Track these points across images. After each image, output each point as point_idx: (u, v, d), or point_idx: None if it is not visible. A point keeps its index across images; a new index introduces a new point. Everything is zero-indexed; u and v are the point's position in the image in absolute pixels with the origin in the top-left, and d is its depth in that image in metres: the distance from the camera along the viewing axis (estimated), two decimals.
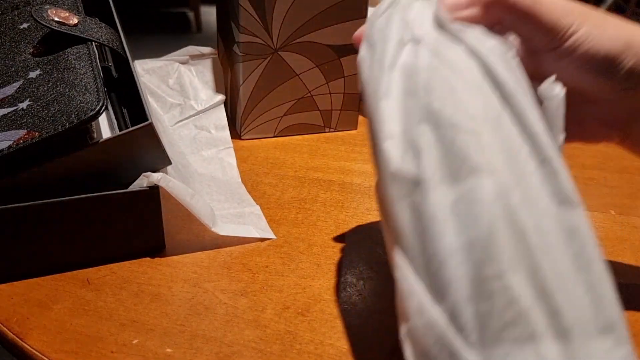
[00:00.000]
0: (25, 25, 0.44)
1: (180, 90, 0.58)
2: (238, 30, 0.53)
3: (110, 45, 0.43)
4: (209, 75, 0.60)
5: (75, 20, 0.42)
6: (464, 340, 0.21)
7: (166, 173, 0.39)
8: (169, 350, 0.32)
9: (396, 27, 0.27)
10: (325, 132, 0.59)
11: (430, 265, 0.22)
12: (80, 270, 0.37)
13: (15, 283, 0.36)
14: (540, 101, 0.26)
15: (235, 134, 0.57)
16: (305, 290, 0.37)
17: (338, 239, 0.42)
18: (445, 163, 0.23)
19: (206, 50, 0.66)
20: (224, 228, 0.40)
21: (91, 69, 0.38)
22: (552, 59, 0.29)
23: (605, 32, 0.28)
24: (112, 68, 0.48)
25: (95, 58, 0.40)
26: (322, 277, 0.38)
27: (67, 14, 0.42)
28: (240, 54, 0.53)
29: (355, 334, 0.33)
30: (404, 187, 0.23)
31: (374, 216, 0.45)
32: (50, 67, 0.39)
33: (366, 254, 0.40)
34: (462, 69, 0.25)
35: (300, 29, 0.53)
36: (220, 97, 0.57)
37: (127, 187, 0.37)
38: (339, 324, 0.34)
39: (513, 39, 0.29)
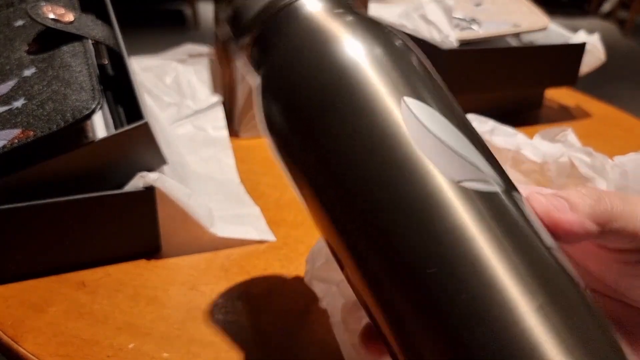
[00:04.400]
0: (20, 22, 0.43)
1: (177, 89, 0.57)
2: None
3: (106, 42, 0.42)
4: (207, 75, 0.59)
5: (71, 17, 0.41)
6: None
7: (163, 173, 0.38)
8: (165, 354, 0.31)
9: None
10: None
11: None
12: (76, 272, 0.36)
13: (10, 285, 0.35)
14: None
15: (234, 132, 0.57)
16: (305, 293, 0.36)
17: None
18: None
19: (204, 49, 0.65)
20: (222, 229, 0.40)
21: (87, 67, 0.38)
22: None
23: None
24: (109, 66, 0.47)
25: (91, 56, 0.39)
26: None
27: (63, 11, 0.41)
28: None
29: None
30: None
31: None
32: (45, 65, 0.38)
33: None
34: None
35: None
36: (219, 97, 0.57)
37: (122, 187, 0.37)
38: None
39: None
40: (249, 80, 0.25)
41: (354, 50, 0.22)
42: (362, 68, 0.21)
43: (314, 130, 0.22)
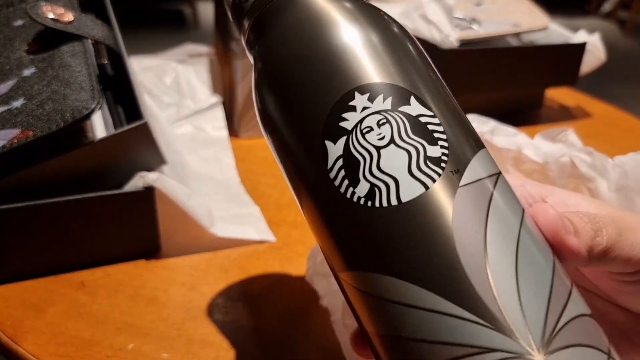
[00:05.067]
0: (19, 22, 0.43)
1: (177, 89, 0.57)
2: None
3: (106, 42, 0.42)
4: (206, 75, 0.59)
5: (71, 17, 0.41)
6: None
7: (162, 173, 0.38)
8: (165, 355, 0.31)
9: None
10: None
11: None
12: (75, 272, 0.36)
13: (10, 285, 0.35)
14: None
15: (233, 132, 0.57)
16: (305, 292, 0.36)
17: None
18: None
19: (204, 49, 0.65)
20: (222, 229, 0.40)
21: (86, 66, 0.38)
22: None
23: None
24: (108, 65, 0.47)
25: (90, 55, 0.39)
26: None
27: (62, 11, 0.41)
28: (238, 50, 0.53)
29: None
30: None
31: None
32: (44, 65, 0.38)
33: None
34: None
35: None
36: (218, 97, 0.57)
37: (122, 187, 0.37)
38: None
39: None
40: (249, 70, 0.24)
41: (348, 34, 0.21)
42: (355, 51, 0.21)
43: (301, 113, 0.21)
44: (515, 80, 0.63)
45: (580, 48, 0.64)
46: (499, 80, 0.62)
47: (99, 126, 0.39)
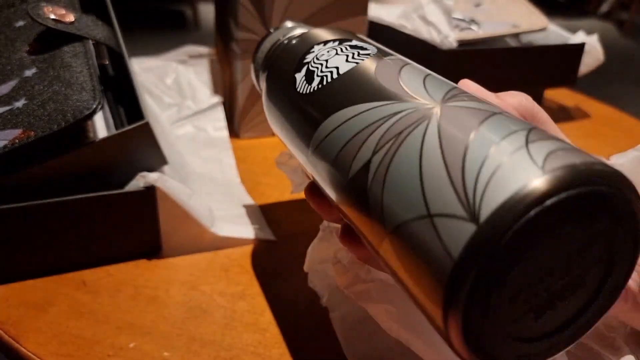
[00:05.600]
0: (21, 23, 0.43)
1: (177, 90, 0.57)
2: (236, 27, 0.52)
3: (107, 43, 0.42)
4: (207, 75, 0.60)
5: (72, 18, 0.41)
6: None
7: (163, 173, 0.38)
8: (166, 354, 0.31)
9: None
10: None
11: None
12: (76, 272, 0.37)
13: (11, 285, 0.35)
14: None
15: (234, 132, 0.57)
16: (305, 292, 0.36)
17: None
18: None
19: (205, 50, 0.66)
20: (222, 228, 0.40)
21: (87, 67, 0.38)
22: None
23: None
24: (109, 66, 0.47)
25: (91, 56, 0.39)
26: None
27: (63, 12, 0.41)
28: (238, 51, 0.53)
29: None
30: None
31: None
32: (46, 65, 0.38)
33: None
34: None
35: None
36: (219, 98, 0.57)
37: (123, 187, 0.37)
38: None
39: None
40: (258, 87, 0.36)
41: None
42: (318, 34, 0.30)
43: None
44: (514, 80, 0.64)
45: (579, 49, 0.64)
46: (497, 81, 0.63)
47: (100, 126, 0.39)
